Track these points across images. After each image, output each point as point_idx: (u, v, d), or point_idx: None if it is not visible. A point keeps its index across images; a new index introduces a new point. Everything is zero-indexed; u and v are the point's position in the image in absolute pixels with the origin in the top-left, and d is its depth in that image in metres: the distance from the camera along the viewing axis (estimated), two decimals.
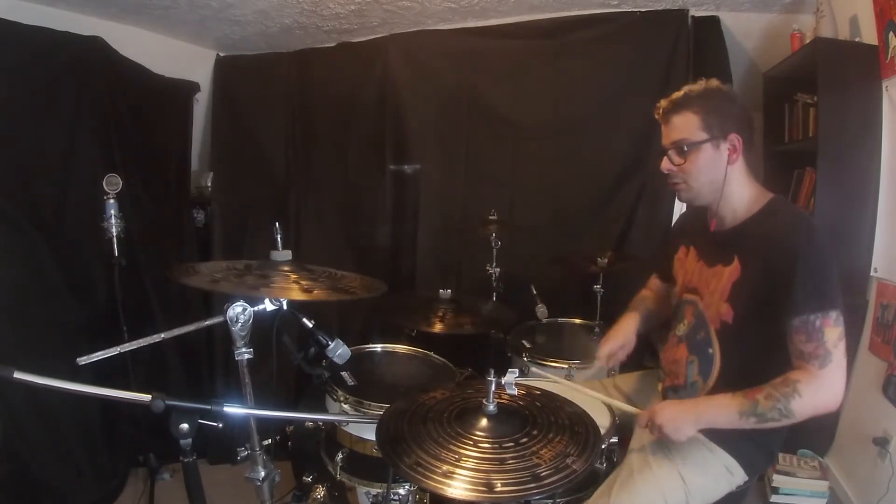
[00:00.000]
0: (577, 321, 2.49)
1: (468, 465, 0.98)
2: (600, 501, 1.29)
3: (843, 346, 1.17)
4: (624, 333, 1.64)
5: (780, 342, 1.22)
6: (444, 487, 0.93)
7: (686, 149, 1.32)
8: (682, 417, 1.27)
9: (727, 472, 1.33)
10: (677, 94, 1.35)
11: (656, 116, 1.41)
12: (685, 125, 1.33)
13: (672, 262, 1.58)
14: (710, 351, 1.36)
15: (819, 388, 1.17)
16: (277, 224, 1.40)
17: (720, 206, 1.36)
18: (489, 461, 0.99)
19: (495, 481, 0.94)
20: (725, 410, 1.23)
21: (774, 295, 1.21)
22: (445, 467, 0.97)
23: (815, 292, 1.17)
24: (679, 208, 2.62)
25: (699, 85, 1.34)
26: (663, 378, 1.53)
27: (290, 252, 1.39)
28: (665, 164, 1.38)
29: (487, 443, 1.04)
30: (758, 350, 1.28)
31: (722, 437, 1.32)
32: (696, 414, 1.27)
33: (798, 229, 1.23)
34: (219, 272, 1.37)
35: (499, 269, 2.50)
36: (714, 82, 1.35)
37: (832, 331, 1.16)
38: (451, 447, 1.03)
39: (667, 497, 1.28)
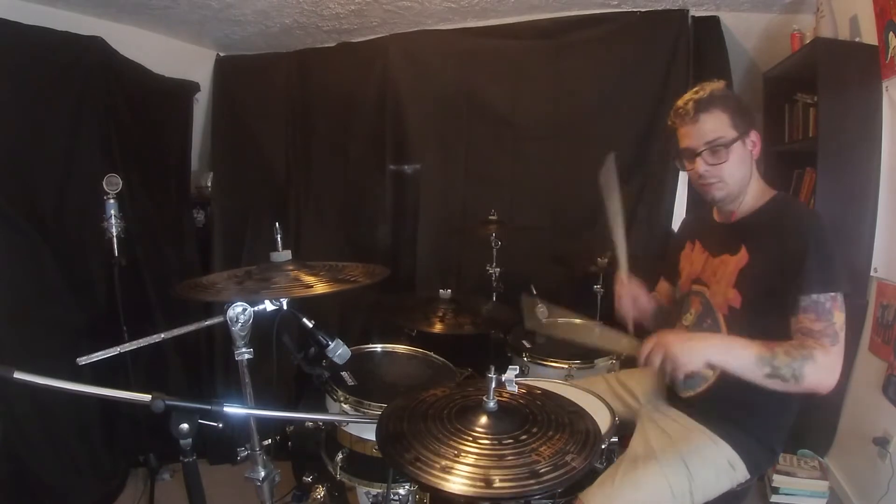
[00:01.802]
0: (577, 321, 2.48)
1: (467, 460, 0.98)
2: (604, 486, 1.30)
3: (844, 331, 1.21)
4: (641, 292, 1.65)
5: (785, 326, 1.24)
6: (443, 482, 0.93)
7: (724, 147, 1.33)
8: (693, 343, 1.24)
9: (729, 467, 1.33)
10: (701, 94, 1.35)
11: (675, 119, 1.39)
12: (718, 124, 1.34)
13: (678, 263, 1.59)
14: None
15: (828, 363, 1.19)
16: (277, 224, 1.40)
17: (737, 198, 1.40)
18: (488, 457, 0.99)
19: (494, 477, 0.94)
20: (744, 351, 1.20)
21: (784, 279, 1.24)
22: (444, 463, 0.97)
23: (825, 273, 1.21)
24: (679, 209, 2.63)
25: (719, 84, 1.38)
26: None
27: (289, 252, 1.39)
28: (700, 167, 1.36)
29: (487, 439, 1.04)
30: (764, 334, 1.28)
31: (726, 431, 1.34)
32: (708, 344, 1.25)
33: (809, 218, 1.31)
34: (220, 282, 1.38)
35: (499, 269, 2.50)
36: (722, 82, 1.39)
37: (839, 314, 1.20)
38: (451, 443, 1.03)
39: (671, 483, 1.28)
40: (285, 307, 1.26)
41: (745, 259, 1.33)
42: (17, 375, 0.91)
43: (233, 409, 1.09)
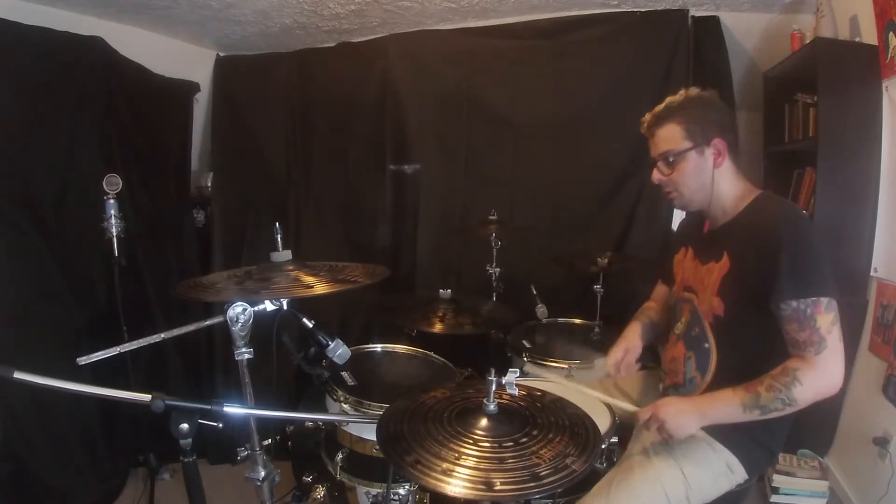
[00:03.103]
0: (577, 321, 2.49)
1: (468, 463, 0.98)
2: (600, 494, 1.30)
3: (837, 331, 1.19)
4: (626, 341, 1.65)
5: (774, 333, 1.24)
6: (444, 485, 0.93)
7: (672, 159, 1.37)
8: (685, 413, 1.27)
9: (728, 470, 1.33)
10: (659, 108, 1.40)
11: (642, 132, 1.45)
12: (669, 136, 1.37)
13: (673, 266, 1.60)
14: (706, 345, 1.37)
15: (818, 375, 1.18)
16: (277, 224, 1.40)
17: (711, 207, 1.41)
18: (489, 460, 1.00)
19: (494, 480, 0.94)
20: (728, 405, 1.23)
21: (762, 286, 1.22)
22: (445, 465, 0.97)
23: (802, 280, 1.18)
24: (679, 210, 2.63)
25: (679, 96, 1.39)
26: (664, 378, 1.54)
27: (289, 252, 1.39)
28: (655, 176, 1.43)
29: (487, 442, 1.05)
30: (752, 342, 1.30)
31: (724, 435, 1.33)
32: (699, 410, 1.27)
33: (781, 220, 1.26)
34: (220, 282, 1.38)
35: (499, 269, 2.49)
36: (694, 91, 1.40)
37: (824, 317, 1.18)
38: (451, 446, 1.03)
39: (667, 490, 1.28)
40: (285, 307, 1.26)
41: (726, 266, 1.32)
42: (17, 375, 0.91)
43: (233, 409, 1.09)
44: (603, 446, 1.41)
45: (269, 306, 1.24)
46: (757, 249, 1.24)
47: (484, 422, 1.10)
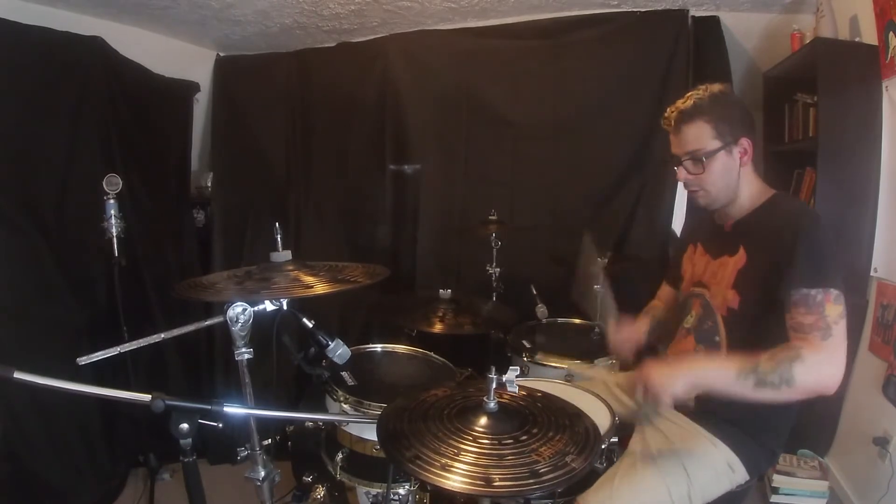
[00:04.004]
0: (577, 321, 2.48)
1: (467, 459, 0.98)
2: (604, 490, 1.30)
3: (843, 325, 1.17)
4: (633, 328, 1.67)
5: (785, 328, 1.23)
6: (442, 480, 0.94)
7: (704, 159, 1.35)
8: (673, 372, 1.22)
9: (729, 469, 1.33)
10: (685, 104, 1.37)
11: (665, 126, 1.43)
12: (698, 135, 1.35)
13: (681, 265, 1.60)
14: (717, 339, 1.38)
15: (822, 360, 1.15)
16: (277, 224, 1.40)
17: (731, 204, 1.41)
18: (488, 457, 0.99)
19: (493, 476, 0.94)
20: (722, 369, 1.21)
21: (778, 277, 1.22)
22: (444, 461, 0.97)
23: (816, 269, 1.19)
24: (678, 209, 2.63)
25: (704, 91, 1.36)
26: None
27: (289, 252, 1.39)
28: (682, 175, 1.40)
29: (487, 439, 1.04)
30: (763, 336, 1.28)
31: (725, 433, 1.33)
32: (688, 370, 1.23)
33: (801, 215, 1.28)
34: (220, 282, 1.38)
35: (499, 269, 2.50)
36: (717, 87, 1.38)
37: (833, 308, 1.17)
38: (451, 442, 1.03)
39: (669, 487, 1.28)
40: (285, 307, 1.26)
41: (742, 260, 1.33)
42: (17, 375, 0.91)
43: (233, 409, 1.09)
44: (603, 446, 1.41)
45: (269, 306, 1.24)
46: (776, 242, 1.25)
47: (484, 419, 1.10)
